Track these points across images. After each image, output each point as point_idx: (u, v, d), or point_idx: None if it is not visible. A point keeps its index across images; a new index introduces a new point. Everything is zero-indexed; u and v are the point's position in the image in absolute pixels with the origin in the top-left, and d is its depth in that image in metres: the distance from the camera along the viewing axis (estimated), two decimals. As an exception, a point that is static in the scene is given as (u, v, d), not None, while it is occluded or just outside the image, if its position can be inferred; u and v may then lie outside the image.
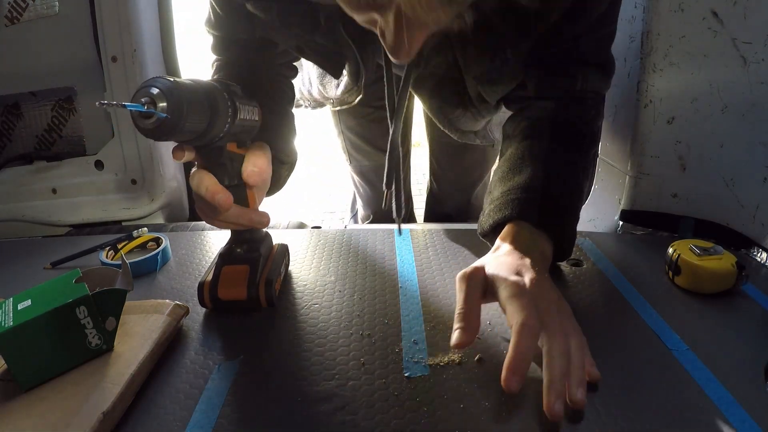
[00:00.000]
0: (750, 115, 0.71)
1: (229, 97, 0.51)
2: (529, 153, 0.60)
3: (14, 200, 1.10)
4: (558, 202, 0.57)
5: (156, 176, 1.07)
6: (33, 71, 1.05)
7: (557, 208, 0.57)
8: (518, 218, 0.55)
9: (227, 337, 0.56)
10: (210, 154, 0.54)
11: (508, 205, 0.56)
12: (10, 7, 1.01)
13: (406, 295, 0.63)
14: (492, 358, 0.51)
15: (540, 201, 0.56)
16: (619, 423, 0.42)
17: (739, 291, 0.61)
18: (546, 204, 0.56)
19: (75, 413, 0.42)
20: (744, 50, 0.69)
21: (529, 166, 0.59)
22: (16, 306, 0.47)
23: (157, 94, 0.42)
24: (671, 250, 0.64)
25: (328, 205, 2.85)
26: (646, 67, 0.78)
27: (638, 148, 0.82)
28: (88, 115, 1.08)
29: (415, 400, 0.45)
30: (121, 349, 0.50)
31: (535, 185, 0.57)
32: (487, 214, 0.60)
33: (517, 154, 0.62)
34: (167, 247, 0.76)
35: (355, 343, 0.54)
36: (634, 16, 0.79)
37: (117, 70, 1.02)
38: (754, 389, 0.46)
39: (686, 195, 0.81)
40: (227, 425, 0.43)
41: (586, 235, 0.79)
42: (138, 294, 0.64)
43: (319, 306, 0.61)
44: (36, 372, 0.46)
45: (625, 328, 0.55)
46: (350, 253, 0.75)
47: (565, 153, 0.61)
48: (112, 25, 1.00)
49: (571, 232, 0.59)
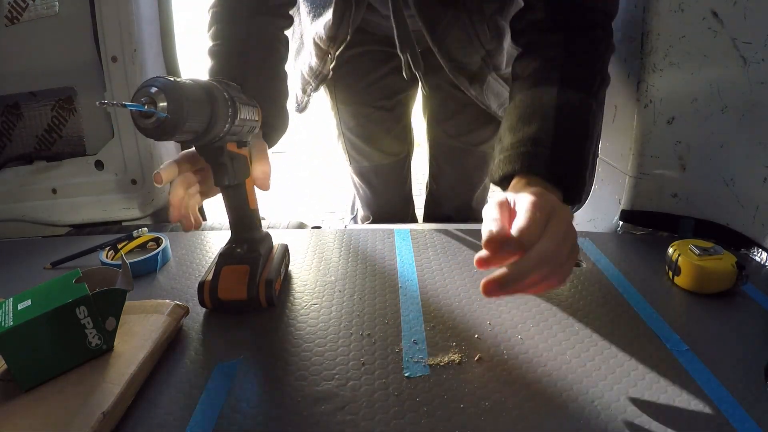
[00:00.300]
0: (750, 115, 0.71)
1: (229, 97, 0.51)
2: (539, 102, 0.60)
3: (14, 200, 1.10)
4: (567, 155, 0.57)
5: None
6: (33, 71, 1.05)
7: (566, 161, 0.57)
8: (527, 172, 0.55)
9: (227, 337, 0.56)
10: (210, 154, 0.54)
11: (517, 159, 0.56)
12: (10, 7, 1.01)
13: (406, 295, 0.63)
14: (492, 358, 0.51)
15: (549, 154, 0.55)
16: (619, 423, 0.42)
17: (739, 291, 0.61)
18: (555, 156, 0.56)
19: (75, 413, 0.42)
20: (744, 50, 0.69)
21: (539, 117, 0.58)
22: (16, 306, 0.47)
23: (157, 94, 0.42)
24: (671, 250, 0.64)
25: (328, 205, 2.85)
26: (646, 67, 0.78)
27: (638, 148, 0.82)
28: (88, 115, 1.08)
29: (415, 400, 0.45)
30: (121, 349, 0.50)
31: (544, 138, 0.56)
32: (497, 164, 0.60)
33: (526, 102, 0.61)
34: (167, 247, 0.76)
35: (355, 343, 0.54)
36: (634, 16, 0.79)
37: (117, 70, 1.02)
38: (754, 389, 0.46)
39: (686, 195, 0.81)
40: (227, 425, 0.43)
41: (586, 235, 0.79)
42: (138, 294, 0.64)
43: (319, 306, 0.61)
44: (36, 372, 0.46)
45: (625, 328, 0.55)
46: (350, 253, 0.75)
47: (576, 99, 0.60)
48: (112, 25, 1.00)
49: (581, 181, 0.58)
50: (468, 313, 0.59)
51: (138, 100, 0.42)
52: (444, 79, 0.93)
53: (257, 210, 0.63)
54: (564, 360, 0.50)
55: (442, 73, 0.90)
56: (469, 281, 0.66)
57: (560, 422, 0.42)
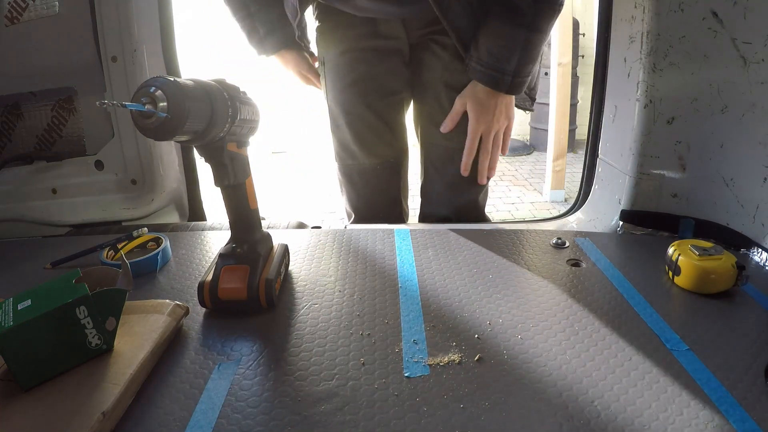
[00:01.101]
0: (750, 115, 0.71)
1: (229, 97, 0.51)
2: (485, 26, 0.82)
3: (14, 200, 1.10)
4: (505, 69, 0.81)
5: (156, 176, 1.07)
6: (33, 71, 1.05)
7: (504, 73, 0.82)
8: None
9: (227, 337, 0.56)
10: (210, 154, 0.54)
11: (475, 73, 0.84)
12: (10, 7, 1.01)
13: (406, 295, 0.63)
14: (492, 358, 0.51)
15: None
16: (619, 423, 0.42)
17: (739, 291, 0.61)
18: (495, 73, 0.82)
19: (75, 413, 0.42)
20: (744, 50, 0.69)
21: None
22: (16, 306, 0.47)
23: (157, 94, 0.42)
24: (671, 250, 0.64)
25: (328, 205, 2.86)
26: (646, 67, 0.78)
27: (638, 148, 0.82)
28: (88, 115, 1.08)
29: (415, 400, 0.45)
30: (121, 349, 0.50)
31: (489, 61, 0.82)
32: (466, 68, 0.86)
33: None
34: (167, 247, 0.76)
35: (355, 343, 0.54)
36: (634, 16, 0.79)
37: (117, 70, 1.01)
38: (754, 389, 0.46)
39: (686, 195, 0.81)
40: (227, 425, 0.43)
41: (586, 235, 0.79)
42: (138, 294, 0.64)
43: (319, 306, 0.61)
44: (36, 372, 0.46)
45: (625, 328, 0.55)
46: (350, 253, 0.75)
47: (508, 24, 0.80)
48: (112, 25, 1.00)
49: (518, 79, 0.83)
50: (468, 313, 0.59)
51: (138, 100, 0.42)
52: (437, 76, 0.93)
53: (257, 210, 0.63)
54: (564, 360, 0.50)
55: (436, 68, 0.91)
56: (469, 281, 0.66)
57: (560, 422, 0.42)
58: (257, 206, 0.63)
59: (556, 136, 3.28)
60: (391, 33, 0.93)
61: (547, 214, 3.10)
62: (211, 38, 3.53)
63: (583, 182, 1.03)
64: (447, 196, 1.07)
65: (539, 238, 0.79)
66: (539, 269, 0.69)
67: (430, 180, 1.09)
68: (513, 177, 3.83)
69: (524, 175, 3.86)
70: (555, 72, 3.23)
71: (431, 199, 1.11)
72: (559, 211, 1.53)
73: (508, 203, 3.34)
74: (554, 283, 0.65)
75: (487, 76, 0.83)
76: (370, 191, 1.08)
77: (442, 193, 1.07)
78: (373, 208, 1.09)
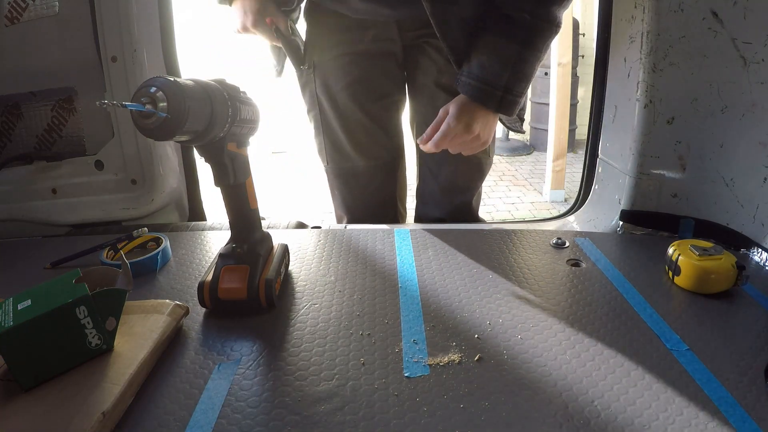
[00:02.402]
0: (750, 115, 0.71)
1: (229, 97, 0.51)
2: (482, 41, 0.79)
3: (14, 200, 1.10)
4: (495, 87, 0.78)
5: (156, 176, 1.07)
6: (33, 71, 1.05)
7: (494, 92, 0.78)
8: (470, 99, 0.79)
9: (227, 337, 0.56)
10: (210, 154, 0.54)
11: (464, 87, 0.79)
12: (10, 7, 1.01)
13: (406, 295, 0.63)
14: (492, 358, 0.51)
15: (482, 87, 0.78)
16: (619, 423, 0.42)
17: (739, 291, 0.61)
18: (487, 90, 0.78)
19: (75, 413, 0.42)
20: (744, 50, 0.69)
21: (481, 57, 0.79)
22: (16, 306, 0.47)
23: (157, 94, 0.42)
24: (671, 250, 0.64)
25: (328, 205, 2.85)
26: (646, 67, 0.78)
27: (638, 148, 0.82)
28: (88, 115, 1.08)
29: (415, 400, 0.45)
30: (121, 349, 0.50)
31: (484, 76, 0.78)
32: (458, 83, 0.80)
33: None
34: (167, 247, 0.76)
35: (355, 343, 0.54)
36: (634, 16, 0.79)
37: (117, 70, 1.01)
38: (754, 389, 0.46)
39: (686, 195, 0.81)
40: (227, 425, 0.43)
41: (586, 235, 0.79)
42: (138, 294, 0.64)
43: (319, 306, 0.61)
44: (36, 372, 0.46)
45: (625, 328, 0.55)
46: (350, 253, 0.75)
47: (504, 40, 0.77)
48: (112, 25, 1.00)
49: (509, 96, 0.78)
50: (468, 313, 0.59)
51: (138, 100, 0.42)
52: (432, 79, 0.93)
53: (257, 210, 0.63)
54: (564, 360, 0.50)
55: (431, 71, 0.91)
56: (469, 281, 0.66)
57: (560, 422, 0.42)
58: (257, 206, 0.63)
59: (556, 136, 3.28)
60: (385, 35, 0.92)
61: (547, 214, 3.10)
62: (211, 38, 3.54)
63: (583, 182, 1.03)
64: (441, 197, 1.07)
65: (539, 238, 0.79)
66: (539, 269, 0.69)
67: (424, 181, 1.09)
68: (513, 177, 3.83)
69: (524, 175, 3.86)
70: (555, 72, 3.23)
71: (426, 200, 1.11)
72: (559, 211, 1.53)
73: (508, 203, 3.34)
74: (554, 283, 0.65)
75: (476, 90, 0.78)
76: (364, 193, 1.08)
77: (436, 195, 1.07)
78: (367, 210, 1.09)
